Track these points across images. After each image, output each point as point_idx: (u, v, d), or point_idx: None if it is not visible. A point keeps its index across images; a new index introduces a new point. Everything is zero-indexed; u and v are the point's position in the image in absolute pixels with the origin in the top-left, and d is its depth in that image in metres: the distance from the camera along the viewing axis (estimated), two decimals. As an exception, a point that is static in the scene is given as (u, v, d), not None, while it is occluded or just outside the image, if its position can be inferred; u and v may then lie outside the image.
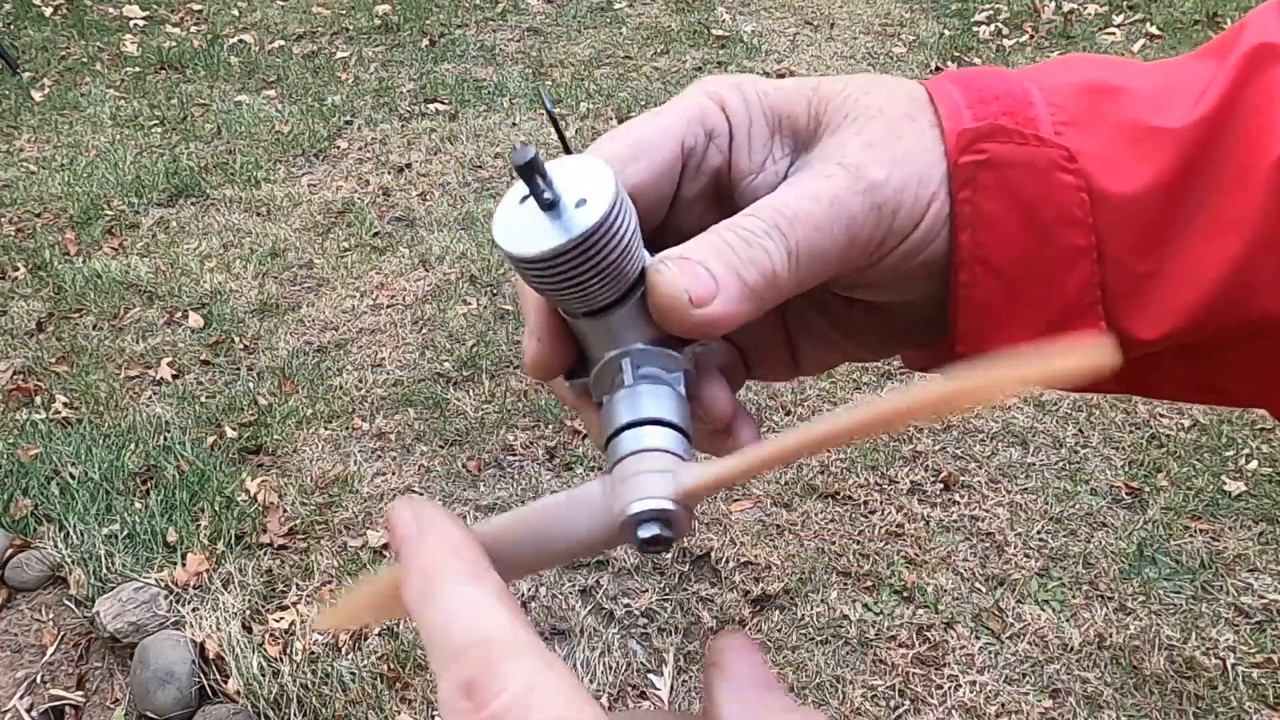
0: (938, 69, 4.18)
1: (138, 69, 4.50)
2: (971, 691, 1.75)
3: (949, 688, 1.76)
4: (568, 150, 0.33)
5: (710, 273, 0.30)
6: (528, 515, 0.30)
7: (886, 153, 0.32)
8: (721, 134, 0.34)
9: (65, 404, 2.50)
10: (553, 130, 0.34)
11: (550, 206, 0.29)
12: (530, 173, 0.29)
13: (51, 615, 1.99)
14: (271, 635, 1.88)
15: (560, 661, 0.22)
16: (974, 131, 0.32)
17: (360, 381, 2.55)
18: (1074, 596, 1.91)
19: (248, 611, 1.94)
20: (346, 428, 2.41)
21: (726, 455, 0.33)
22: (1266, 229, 0.31)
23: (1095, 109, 0.33)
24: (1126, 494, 2.13)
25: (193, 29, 4.95)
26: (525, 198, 0.30)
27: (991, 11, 4.72)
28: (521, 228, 0.30)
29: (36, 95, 4.22)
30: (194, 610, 1.93)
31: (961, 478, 2.19)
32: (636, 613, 1.92)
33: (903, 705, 1.74)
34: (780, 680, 0.27)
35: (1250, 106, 0.32)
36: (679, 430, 0.31)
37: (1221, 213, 0.32)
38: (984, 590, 1.93)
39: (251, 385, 2.56)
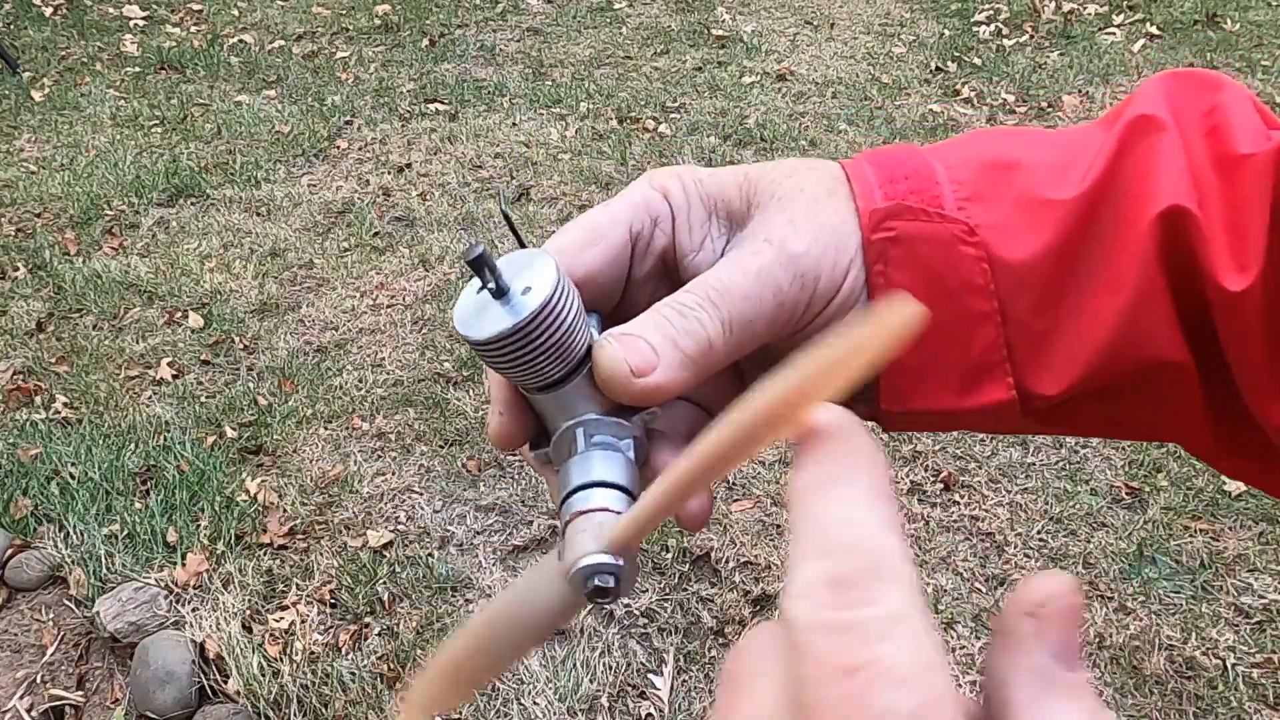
0: (938, 69, 4.18)
1: (138, 69, 4.50)
2: (972, 692, 1.75)
3: (949, 688, 1.76)
4: (521, 244, 0.38)
5: (650, 345, 0.34)
6: (496, 608, 0.32)
7: (806, 228, 0.36)
8: (665, 218, 0.38)
9: (65, 404, 2.51)
10: (508, 224, 0.41)
11: (500, 294, 0.33)
12: (480, 266, 0.33)
13: (51, 615, 1.99)
14: (271, 635, 1.89)
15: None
16: (884, 211, 0.36)
17: (360, 381, 2.55)
18: (1074, 596, 1.91)
19: (248, 611, 1.94)
20: (346, 428, 2.41)
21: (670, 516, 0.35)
22: (1147, 283, 0.35)
23: (994, 184, 0.37)
24: (1126, 494, 2.13)
25: (193, 29, 4.95)
26: (481, 288, 0.34)
27: (991, 11, 4.72)
28: (477, 314, 0.34)
29: (36, 95, 4.22)
30: (194, 610, 1.93)
31: (961, 478, 2.19)
32: (636, 613, 1.92)
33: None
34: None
35: (1129, 175, 0.36)
36: (625, 491, 0.34)
37: (1108, 271, 0.35)
38: (984, 590, 1.93)
39: (251, 385, 2.56)
